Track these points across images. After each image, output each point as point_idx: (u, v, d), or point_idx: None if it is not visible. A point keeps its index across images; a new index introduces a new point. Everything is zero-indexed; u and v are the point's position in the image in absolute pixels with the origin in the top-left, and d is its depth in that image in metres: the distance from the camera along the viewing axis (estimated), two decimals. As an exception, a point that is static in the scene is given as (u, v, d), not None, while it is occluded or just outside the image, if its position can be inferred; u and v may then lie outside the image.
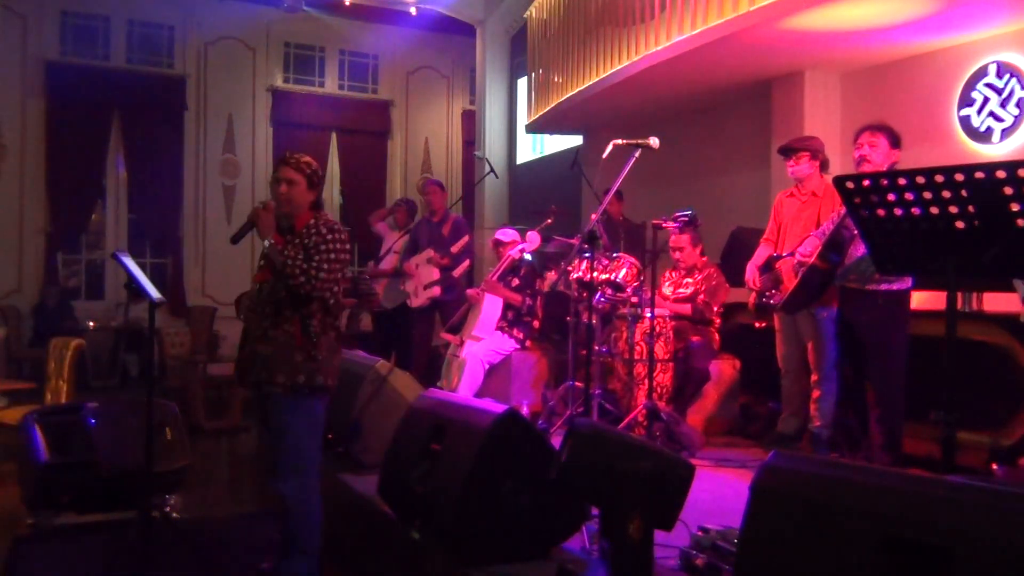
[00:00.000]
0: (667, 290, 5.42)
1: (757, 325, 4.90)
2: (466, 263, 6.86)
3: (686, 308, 5.22)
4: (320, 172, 3.28)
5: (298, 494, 3.14)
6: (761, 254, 4.63)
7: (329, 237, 3.11)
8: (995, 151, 4.99)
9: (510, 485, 2.96)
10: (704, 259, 5.39)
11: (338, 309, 3.25)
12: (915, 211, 2.25)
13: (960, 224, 2.18)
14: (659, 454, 2.60)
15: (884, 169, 3.82)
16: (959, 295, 4.05)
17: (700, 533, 2.79)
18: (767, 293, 4.48)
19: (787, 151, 4.57)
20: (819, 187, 4.48)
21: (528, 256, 5.85)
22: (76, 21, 10.08)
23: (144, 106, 10.19)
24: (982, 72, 5.08)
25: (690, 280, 5.36)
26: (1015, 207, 2.07)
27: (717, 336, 5.28)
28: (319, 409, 3.19)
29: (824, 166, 4.55)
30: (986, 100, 5.05)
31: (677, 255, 5.35)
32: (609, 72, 6.73)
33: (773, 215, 4.73)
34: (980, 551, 1.61)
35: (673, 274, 5.49)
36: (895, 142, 3.93)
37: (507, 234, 5.94)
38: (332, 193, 11.33)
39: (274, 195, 3.19)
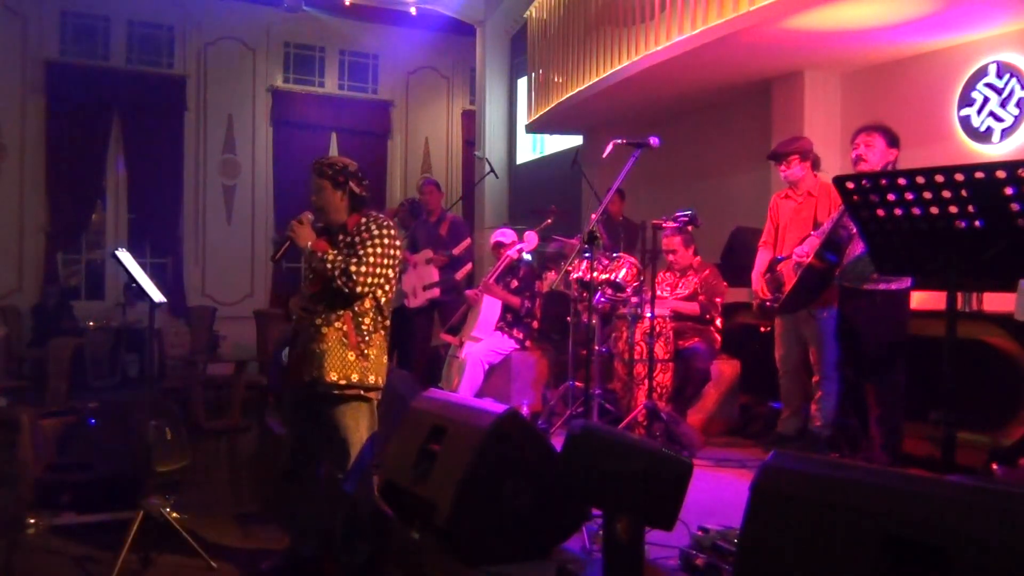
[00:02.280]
0: (664, 293, 5.41)
1: (763, 329, 4.90)
2: (468, 266, 6.88)
3: (694, 306, 5.21)
4: (348, 169, 3.22)
5: (362, 494, 3.20)
6: (763, 260, 4.63)
7: (376, 233, 3.09)
8: (995, 151, 4.99)
9: (510, 485, 2.97)
10: (698, 259, 5.39)
11: (389, 307, 3.22)
12: (915, 211, 2.25)
13: (960, 224, 2.18)
14: (653, 453, 2.59)
15: (880, 168, 3.84)
16: (959, 295, 4.05)
17: (700, 533, 2.80)
18: (772, 296, 4.48)
19: (776, 156, 4.58)
20: (814, 187, 4.49)
21: (527, 256, 5.85)
22: (76, 21, 10.08)
23: (144, 106, 10.19)
24: (982, 72, 5.08)
25: (686, 281, 5.36)
26: (1015, 207, 2.07)
27: (718, 336, 5.28)
28: (372, 408, 3.20)
29: (815, 165, 4.56)
30: (986, 100, 5.05)
31: (671, 257, 5.35)
32: (609, 72, 6.73)
33: (769, 217, 4.73)
34: (980, 551, 1.61)
35: (668, 275, 5.48)
36: (891, 141, 3.93)
37: (507, 235, 5.94)
38: (332, 193, 11.33)
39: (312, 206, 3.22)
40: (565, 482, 2.80)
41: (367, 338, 3.11)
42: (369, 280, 3.03)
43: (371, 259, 3.04)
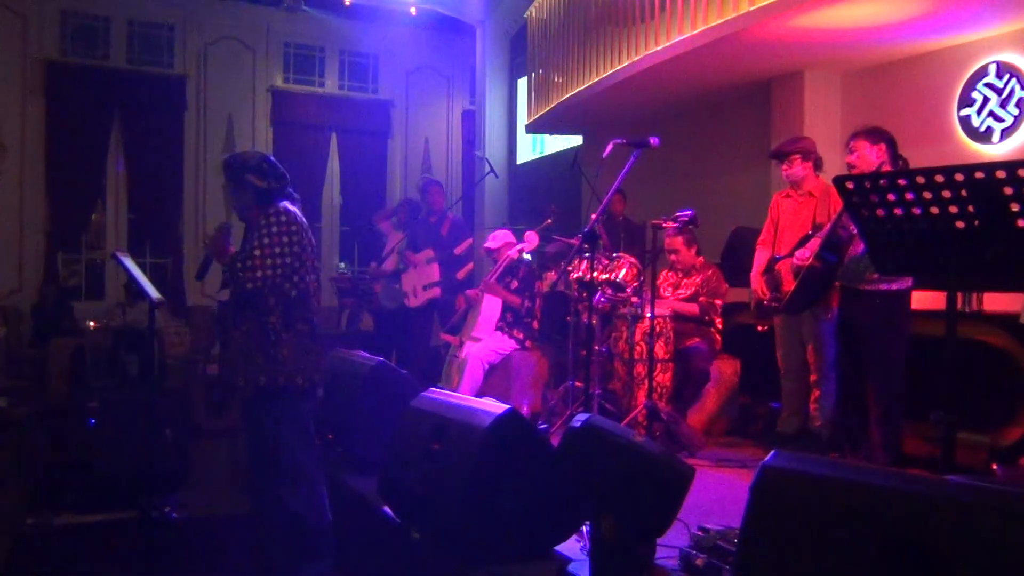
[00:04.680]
0: (666, 292, 5.42)
1: (760, 328, 4.90)
2: (469, 266, 6.89)
3: (694, 307, 5.21)
4: (248, 162, 3.17)
5: (299, 498, 3.11)
6: (761, 258, 4.63)
7: (263, 224, 3.03)
8: (995, 151, 4.99)
9: (510, 485, 2.96)
10: (700, 260, 5.38)
11: (305, 304, 3.10)
12: (915, 211, 2.25)
13: (960, 224, 2.18)
14: (653, 456, 2.59)
15: (876, 164, 3.85)
16: (959, 295, 4.06)
17: (700, 533, 2.79)
18: (771, 296, 4.48)
19: (778, 155, 4.58)
20: (815, 187, 4.49)
21: (527, 256, 5.84)
22: (76, 21, 10.08)
23: (144, 106, 10.18)
24: (982, 72, 5.08)
25: (688, 281, 5.36)
26: (1015, 207, 2.07)
27: (718, 337, 5.28)
28: (297, 410, 3.10)
29: (817, 166, 4.55)
30: (986, 100, 5.05)
31: (673, 257, 5.36)
32: (609, 72, 6.73)
33: (769, 216, 4.73)
34: (980, 551, 1.61)
35: (670, 275, 5.48)
36: (874, 139, 3.93)
37: (497, 238, 5.91)
38: (332, 194, 11.34)
39: None
40: (560, 476, 2.79)
41: (274, 338, 3.02)
42: (257, 275, 2.96)
43: (256, 252, 2.98)
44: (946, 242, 2.24)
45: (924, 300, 4.17)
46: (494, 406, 3.16)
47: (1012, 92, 4.90)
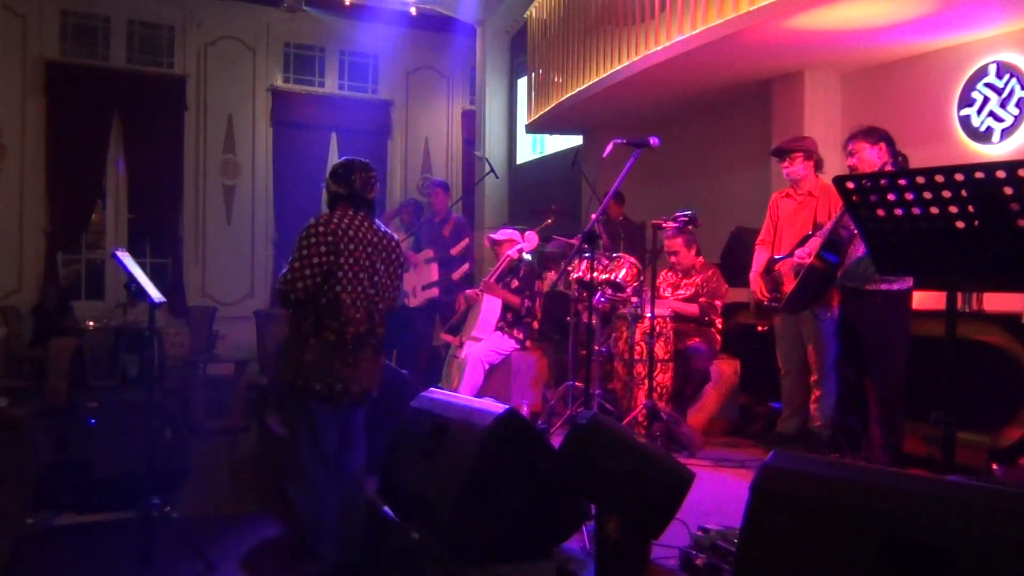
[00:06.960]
0: (666, 292, 5.42)
1: (760, 328, 4.90)
2: (466, 266, 6.88)
3: (694, 308, 5.22)
4: (335, 169, 3.23)
5: (300, 497, 3.12)
6: (760, 258, 4.63)
7: (306, 238, 3.07)
8: (995, 151, 4.99)
9: (510, 485, 2.97)
10: (700, 260, 5.39)
11: (335, 313, 3.08)
12: (915, 211, 2.25)
13: (960, 224, 2.18)
14: (654, 458, 2.59)
15: (879, 165, 3.85)
16: (959, 295, 4.06)
17: (700, 533, 2.80)
18: (770, 296, 4.49)
19: (780, 153, 4.58)
20: (815, 187, 4.49)
21: (527, 256, 5.85)
22: (76, 21, 10.07)
23: (144, 106, 10.17)
24: (982, 72, 5.08)
25: (688, 281, 5.37)
26: (1015, 207, 2.07)
27: (719, 337, 5.28)
28: (312, 413, 3.10)
29: (818, 166, 4.56)
30: (986, 100, 5.05)
31: (673, 259, 5.37)
32: (609, 72, 6.73)
33: (768, 215, 4.74)
34: (980, 551, 1.61)
35: (670, 275, 5.48)
36: (873, 139, 3.93)
37: (502, 233, 5.93)
38: (332, 193, 11.32)
39: None
40: (563, 472, 2.79)
41: (301, 341, 3.10)
42: (298, 285, 3.02)
43: (295, 264, 3.04)
44: (946, 242, 2.23)
45: (924, 300, 4.17)
46: (494, 406, 3.16)
47: (1012, 92, 4.90)
